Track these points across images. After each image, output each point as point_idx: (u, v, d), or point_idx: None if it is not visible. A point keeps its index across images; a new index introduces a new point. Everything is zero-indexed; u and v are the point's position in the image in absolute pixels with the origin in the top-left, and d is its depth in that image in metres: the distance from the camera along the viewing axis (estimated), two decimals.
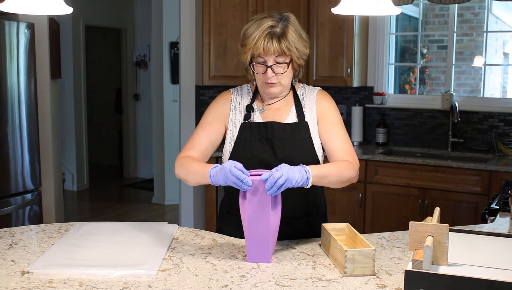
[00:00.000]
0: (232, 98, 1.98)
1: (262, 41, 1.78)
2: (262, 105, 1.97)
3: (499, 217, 2.22)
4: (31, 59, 3.51)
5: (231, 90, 2.02)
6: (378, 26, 4.47)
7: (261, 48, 1.78)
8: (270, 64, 1.82)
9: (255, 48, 1.79)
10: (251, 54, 1.83)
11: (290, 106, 1.96)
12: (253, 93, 1.99)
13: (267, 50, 1.78)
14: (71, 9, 1.63)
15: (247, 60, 1.86)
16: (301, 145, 1.89)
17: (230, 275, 1.54)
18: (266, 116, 1.95)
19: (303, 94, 1.98)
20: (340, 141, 1.90)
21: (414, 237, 1.41)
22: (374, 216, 3.91)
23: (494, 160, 3.74)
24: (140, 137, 7.58)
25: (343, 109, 4.60)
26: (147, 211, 6.02)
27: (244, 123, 1.93)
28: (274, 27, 1.79)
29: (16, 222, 3.44)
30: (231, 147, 1.92)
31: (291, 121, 1.93)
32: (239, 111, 1.96)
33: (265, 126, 1.91)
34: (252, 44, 1.79)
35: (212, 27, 4.25)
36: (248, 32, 1.82)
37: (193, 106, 4.69)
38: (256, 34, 1.79)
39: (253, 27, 1.81)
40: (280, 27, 1.79)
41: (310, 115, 1.95)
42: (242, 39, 1.85)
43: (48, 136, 4.14)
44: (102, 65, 8.21)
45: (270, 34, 1.78)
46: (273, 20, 1.80)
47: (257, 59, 1.83)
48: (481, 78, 5.12)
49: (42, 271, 1.55)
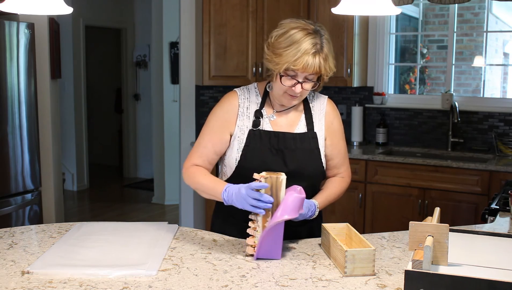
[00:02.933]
0: (240, 103, 1.91)
1: (304, 59, 1.72)
2: (272, 112, 1.92)
3: (499, 217, 2.22)
4: (31, 59, 3.51)
5: (237, 93, 1.93)
6: (378, 26, 4.46)
7: (301, 65, 1.73)
8: (301, 80, 1.78)
9: (294, 64, 1.73)
10: (286, 68, 1.75)
11: (300, 115, 1.94)
12: (262, 97, 1.93)
13: (307, 68, 1.74)
14: (71, 9, 1.63)
15: (278, 71, 1.78)
16: (310, 156, 1.90)
17: (230, 275, 1.54)
18: (275, 124, 1.91)
19: (312, 102, 1.97)
20: (343, 158, 2.01)
21: (414, 237, 1.41)
22: (374, 216, 3.91)
23: (494, 160, 3.74)
24: (140, 137, 7.58)
25: (343, 109, 4.60)
26: (147, 211, 6.02)
27: (253, 131, 1.88)
28: (316, 45, 1.74)
29: (16, 222, 3.44)
30: (238, 155, 1.89)
31: (300, 130, 1.92)
32: (247, 116, 1.90)
33: (277, 135, 1.88)
34: (291, 59, 1.72)
35: (212, 27, 4.25)
36: (285, 43, 1.74)
37: (193, 106, 4.70)
38: (296, 50, 1.72)
39: (291, 39, 1.74)
40: (320, 45, 1.75)
41: (319, 126, 1.94)
42: (277, 47, 1.76)
43: (48, 136, 4.14)
44: (102, 65, 8.21)
45: (313, 54, 1.73)
46: (312, 36, 1.74)
47: (288, 72, 1.77)
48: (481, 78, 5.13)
49: (42, 271, 1.55)
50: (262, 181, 1.64)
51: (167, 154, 6.10)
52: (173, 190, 5.98)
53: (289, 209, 1.61)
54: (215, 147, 1.91)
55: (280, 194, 1.65)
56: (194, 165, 1.91)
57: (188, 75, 4.64)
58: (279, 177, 1.64)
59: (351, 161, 4.08)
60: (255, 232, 1.67)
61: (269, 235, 1.63)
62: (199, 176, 1.86)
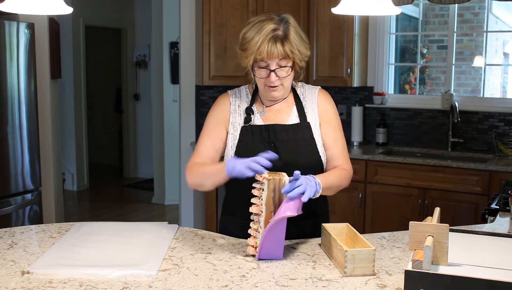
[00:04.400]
0: (231, 101, 1.96)
1: (266, 45, 1.74)
2: (262, 107, 1.95)
3: (499, 217, 2.22)
4: (31, 59, 3.51)
5: (229, 93, 1.99)
6: (378, 26, 4.47)
7: (265, 52, 1.75)
8: (273, 68, 1.79)
9: (258, 53, 1.76)
10: (253, 59, 1.79)
11: (291, 107, 1.95)
12: (252, 95, 1.97)
13: (271, 54, 1.75)
14: (71, 9, 1.63)
15: (249, 65, 1.83)
16: (304, 146, 1.89)
17: (230, 275, 1.54)
18: (267, 118, 1.93)
19: (303, 93, 1.97)
20: (340, 148, 1.96)
21: (414, 237, 1.41)
22: (374, 216, 3.91)
23: (494, 160, 3.74)
24: (140, 137, 7.58)
25: (343, 109, 4.60)
26: (147, 211, 6.02)
27: (245, 127, 1.91)
28: (276, 30, 1.76)
29: (16, 222, 3.44)
30: (233, 151, 1.91)
31: (292, 122, 1.92)
32: (239, 114, 1.94)
33: (267, 128, 1.90)
34: (254, 48, 1.76)
35: (212, 27, 4.25)
36: (248, 36, 1.79)
37: (193, 106, 4.70)
38: (258, 38, 1.75)
39: (253, 31, 1.78)
40: (282, 30, 1.77)
41: (312, 115, 1.94)
42: (242, 43, 1.81)
43: (48, 136, 4.14)
44: (102, 65, 8.21)
45: (273, 38, 1.75)
46: (274, 23, 1.77)
47: (259, 63, 1.80)
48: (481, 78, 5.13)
49: (42, 271, 1.55)
50: (264, 182, 1.63)
51: (167, 154, 6.10)
52: (173, 190, 5.98)
53: (291, 207, 1.61)
54: (214, 144, 1.93)
55: (283, 196, 1.64)
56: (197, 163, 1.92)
57: (188, 75, 4.64)
58: (281, 178, 1.64)
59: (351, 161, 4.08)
60: (257, 233, 1.67)
61: (271, 235, 1.63)
62: (201, 167, 1.88)
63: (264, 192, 1.63)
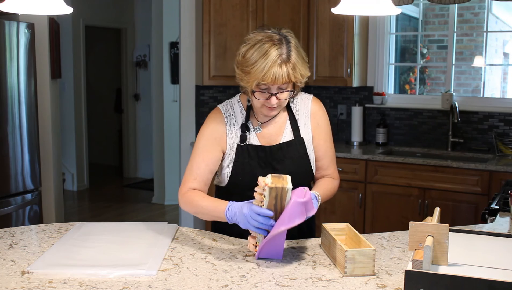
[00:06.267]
0: (226, 121, 1.91)
1: (271, 72, 1.70)
2: (257, 124, 1.93)
3: (499, 217, 2.22)
4: (31, 59, 3.51)
5: (221, 110, 1.93)
6: (378, 26, 4.47)
7: (270, 79, 1.71)
8: (274, 92, 1.77)
9: (263, 79, 1.72)
10: (256, 83, 1.75)
11: (285, 122, 1.95)
12: (246, 111, 1.93)
13: (275, 80, 1.72)
14: (71, 9, 1.63)
15: (250, 88, 1.78)
16: (299, 163, 1.92)
17: (230, 275, 1.54)
18: (262, 136, 1.92)
19: (296, 106, 1.97)
20: (330, 159, 2.01)
21: (414, 237, 1.41)
22: (374, 216, 3.91)
23: (494, 160, 3.74)
24: (140, 137, 7.58)
25: (343, 109, 4.60)
26: (147, 211, 6.02)
27: (241, 146, 1.89)
28: (281, 55, 1.72)
29: (16, 222, 3.44)
30: (229, 170, 1.90)
31: (287, 138, 1.93)
32: (235, 133, 1.91)
33: (264, 149, 1.90)
34: (260, 75, 1.71)
35: (212, 27, 4.25)
36: (251, 59, 1.73)
37: (193, 106, 4.69)
38: (263, 64, 1.70)
39: (256, 54, 1.72)
40: (286, 53, 1.72)
41: (305, 130, 1.96)
42: (244, 65, 1.76)
43: (48, 136, 4.14)
44: (102, 65, 8.21)
45: (279, 65, 1.71)
46: (276, 46, 1.72)
47: (260, 86, 1.76)
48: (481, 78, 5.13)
49: (42, 271, 1.55)
50: (266, 190, 1.61)
51: (167, 154, 6.10)
52: (173, 190, 5.98)
53: (292, 217, 1.59)
54: (210, 165, 1.89)
55: (285, 203, 1.62)
56: (191, 189, 1.87)
57: (188, 75, 4.64)
58: (284, 187, 1.60)
59: (351, 161, 4.12)
60: (257, 233, 1.67)
61: (272, 238, 1.63)
62: (198, 200, 1.83)
63: (266, 199, 1.60)
